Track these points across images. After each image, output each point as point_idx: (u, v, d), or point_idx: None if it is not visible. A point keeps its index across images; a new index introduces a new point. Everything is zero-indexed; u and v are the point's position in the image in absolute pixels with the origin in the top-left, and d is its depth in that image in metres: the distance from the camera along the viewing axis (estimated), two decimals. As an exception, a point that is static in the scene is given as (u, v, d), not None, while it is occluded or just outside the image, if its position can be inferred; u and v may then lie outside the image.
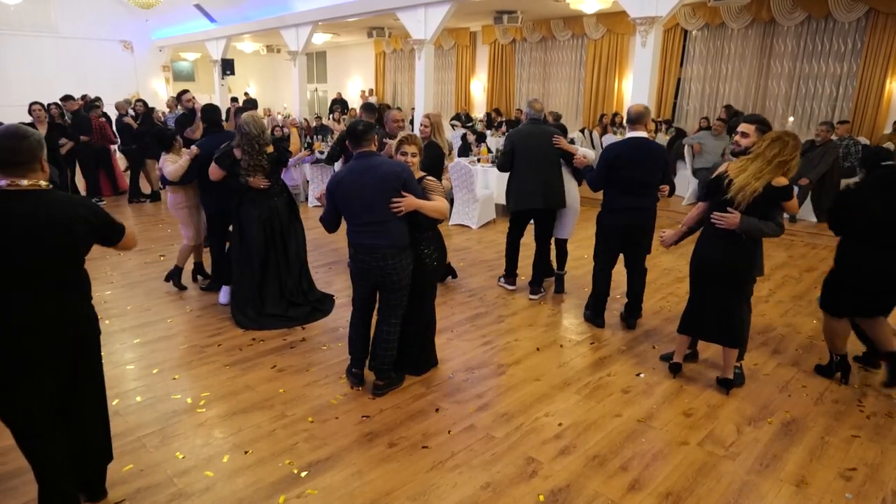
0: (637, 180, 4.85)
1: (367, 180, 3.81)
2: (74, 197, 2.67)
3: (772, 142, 3.72)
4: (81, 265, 2.69)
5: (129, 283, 6.36)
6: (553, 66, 16.17)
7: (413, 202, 3.81)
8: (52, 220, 2.47)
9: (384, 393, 4.12)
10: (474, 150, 10.20)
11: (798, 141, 3.75)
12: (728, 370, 4.15)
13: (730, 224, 3.79)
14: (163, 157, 5.80)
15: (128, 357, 4.65)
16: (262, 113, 17.74)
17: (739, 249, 3.88)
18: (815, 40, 11.59)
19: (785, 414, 3.93)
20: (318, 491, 3.14)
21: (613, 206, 4.98)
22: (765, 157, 3.72)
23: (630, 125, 4.92)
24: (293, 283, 5.42)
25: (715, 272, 3.99)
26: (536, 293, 6.02)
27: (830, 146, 8.78)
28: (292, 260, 5.40)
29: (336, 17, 13.82)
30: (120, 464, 3.27)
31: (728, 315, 4.02)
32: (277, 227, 5.27)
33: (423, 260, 4.08)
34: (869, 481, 3.28)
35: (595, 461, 3.42)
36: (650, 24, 8.45)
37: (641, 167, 4.84)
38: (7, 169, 2.42)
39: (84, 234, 2.60)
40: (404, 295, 4.05)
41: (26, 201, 2.44)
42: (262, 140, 5.02)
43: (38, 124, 8.71)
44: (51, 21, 18.51)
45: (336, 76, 23.15)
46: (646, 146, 4.88)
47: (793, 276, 6.81)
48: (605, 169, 4.91)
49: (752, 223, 3.77)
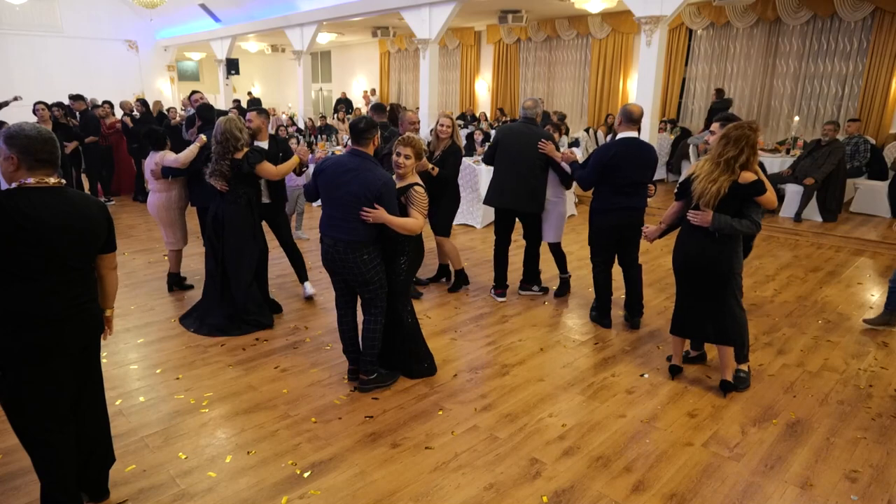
0: (631, 180, 4.90)
1: (347, 180, 3.85)
2: (88, 196, 2.73)
3: (718, 140, 3.73)
4: (94, 264, 2.75)
5: (132, 282, 6.36)
6: (558, 66, 16.14)
7: (381, 216, 3.80)
8: (81, 215, 2.56)
9: (368, 389, 4.14)
10: (478, 150, 10.19)
11: (746, 132, 3.66)
12: (727, 371, 4.12)
13: (702, 222, 3.81)
14: (158, 154, 5.66)
15: (131, 357, 4.65)
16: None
17: (716, 246, 3.88)
18: (820, 39, 11.53)
19: (790, 415, 3.91)
20: (320, 491, 3.13)
21: (607, 206, 4.99)
22: (712, 158, 3.73)
23: (628, 125, 4.92)
24: (230, 297, 5.17)
25: (694, 269, 4.00)
26: (500, 295, 5.92)
27: (836, 145, 8.72)
28: (230, 273, 5.12)
29: (340, 16, 13.83)
30: (123, 464, 3.27)
31: (716, 312, 4.01)
32: (218, 235, 5.09)
33: (393, 266, 4.09)
34: (874, 483, 3.25)
35: (599, 462, 3.41)
36: (655, 24, 8.43)
37: (635, 167, 4.88)
38: (41, 168, 2.49)
39: (102, 231, 2.69)
40: (376, 290, 4.03)
41: (56, 197, 2.51)
42: (227, 145, 4.84)
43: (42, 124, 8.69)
44: (55, 21, 18.56)
45: (340, 76, 23.15)
46: (639, 146, 4.92)
47: (798, 276, 6.78)
48: (600, 168, 4.91)
49: (725, 221, 3.76)
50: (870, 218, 9.24)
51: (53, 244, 2.46)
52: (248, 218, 5.08)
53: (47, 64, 18.29)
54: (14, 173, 2.46)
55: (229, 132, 4.82)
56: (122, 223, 9.08)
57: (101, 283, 2.83)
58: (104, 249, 2.75)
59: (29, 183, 2.45)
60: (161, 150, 5.72)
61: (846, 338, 5.10)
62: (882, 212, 9.28)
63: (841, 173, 8.88)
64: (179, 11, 18.04)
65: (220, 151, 4.86)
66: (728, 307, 4.01)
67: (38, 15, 18.13)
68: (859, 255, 7.67)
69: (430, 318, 5.41)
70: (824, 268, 7.10)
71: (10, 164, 2.46)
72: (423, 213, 3.97)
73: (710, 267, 3.93)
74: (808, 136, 11.28)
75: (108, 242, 2.76)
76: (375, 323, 4.12)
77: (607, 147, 4.98)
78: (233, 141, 4.85)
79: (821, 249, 7.93)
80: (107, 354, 4.65)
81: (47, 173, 2.50)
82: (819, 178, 8.72)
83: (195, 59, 22.89)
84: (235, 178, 4.95)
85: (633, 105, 4.96)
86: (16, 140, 2.46)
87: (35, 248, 2.42)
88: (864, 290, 6.35)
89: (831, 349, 4.89)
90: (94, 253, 2.69)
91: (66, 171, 8.58)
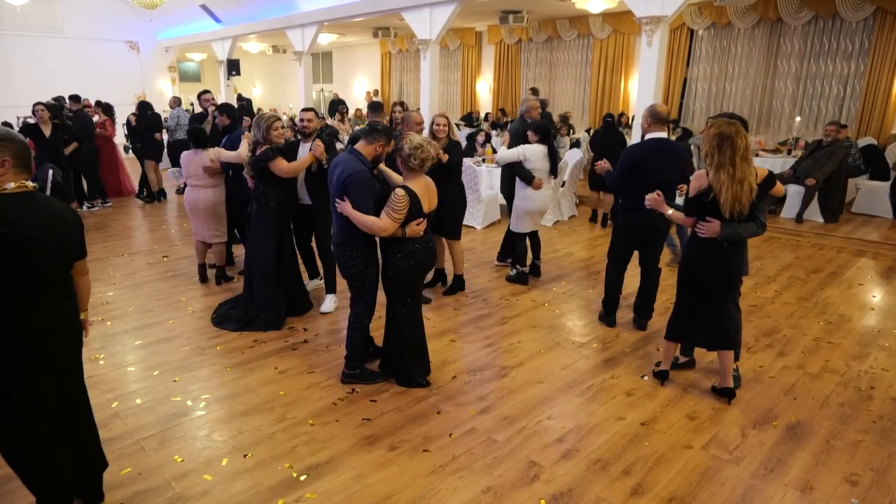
0: (658, 180, 4.78)
1: (333, 177, 4.04)
2: (59, 201, 2.69)
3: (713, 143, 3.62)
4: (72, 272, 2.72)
5: (131, 284, 6.35)
6: (559, 66, 16.10)
7: (345, 208, 3.88)
8: (63, 220, 2.54)
9: (348, 381, 4.26)
10: (479, 151, 10.17)
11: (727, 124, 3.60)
12: (727, 377, 4.08)
13: (711, 233, 3.75)
14: (208, 152, 5.95)
15: (129, 359, 4.63)
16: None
17: (728, 253, 3.83)
18: (822, 40, 11.50)
19: (790, 417, 3.88)
20: (317, 495, 3.11)
21: (634, 206, 4.90)
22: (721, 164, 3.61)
23: (657, 125, 4.86)
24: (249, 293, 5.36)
25: (707, 278, 3.92)
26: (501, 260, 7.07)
27: (837, 146, 8.69)
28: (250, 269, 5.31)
29: (341, 17, 13.80)
30: (118, 467, 3.25)
31: (719, 319, 3.97)
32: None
33: (388, 264, 4.07)
34: (875, 486, 3.23)
35: (597, 465, 3.38)
36: (656, 24, 8.39)
37: (664, 168, 4.82)
38: (23, 173, 2.47)
39: (77, 236, 2.66)
40: (357, 287, 4.14)
41: (36, 202, 2.48)
42: (251, 141, 5.07)
43: (41, 125, 8.71)
44: (57, 21, 18.56)
45: (342, 76, 23.14)
46: (668, 146, 4.88)
47: (799, 277, 6.75)
48: (627, 169, 4.88)
49: (733, 230, 3.72)
50: (871, 219, 9.21)
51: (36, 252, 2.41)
52: (265, 217, 5.16)
53: (48, 65, 18.28)
54: (3, 177, 2.41)
55: (260, 129, 4.99)
56: (120, 224, 9.08)
57: (76, 288, 2.78)
58: (78, 255, 2.72)
59: (9, 188, 2.40)
60: (204, 149, 5.97)
61: (847, 339, 5.07)
62: (884, 212, 9.26)
63: (842, 174, 8.85)
64: (180, 12, 18.04)
65: (252, 146, 5.07)
66: (728, 311, 3.98)
67: (39, 16, 18.13)
68: (861, 255, 7.64)
69: (429, 320, 5.38)
70: (825, 269, 7.07)
71: (3, 168, 2.41)
72: (394, 216, 3.81)
73: (726, 271, 3.87)
74: (809, 137, 11.23)
75: (81, 248, 2.73)
76: (356, 320, 4.21)
77: (633, 148, 4.94)
78: (253, 137, 5.04)
79: (822, 250, 7.90)
80: (104, 356, 4.64)
81: (26, 177, 2.48)
82: (820, 179, 8.70)
83: (196, 60, 22.90)
84: (258, 176, 5.06)
85: (659, 105, 4.92)
86: (11, 145, 2.44)
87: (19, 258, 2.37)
88: (865, 291, 6.32)
89: (832, 351, 4.86)
90: (73, 258, 2.65)
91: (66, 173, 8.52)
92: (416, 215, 3.90)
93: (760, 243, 8.02)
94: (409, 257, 4.00)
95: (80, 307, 2.81)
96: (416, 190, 3.88)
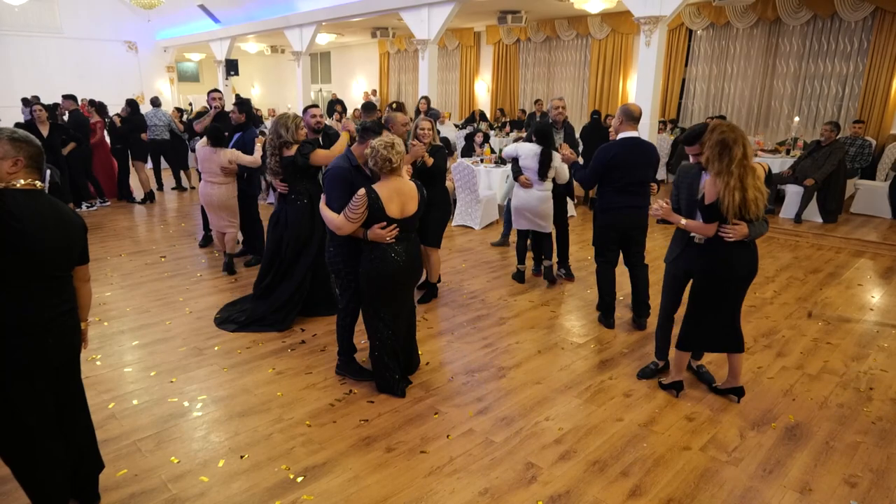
0: (633, 179, 4.91)
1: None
2: (64, 204, 2.70)
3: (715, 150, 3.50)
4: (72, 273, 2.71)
5: (129, 284, 6.33)
6: (557, 66, 16.09)
7: (321, 203, 4.03)
8: (68, 222, 2.57)
9: (339, 373, 4.39)
10: (477, 151, 10.16)
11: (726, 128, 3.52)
12: (738, 378, 4.05)
13: (740, 236, 3.60)
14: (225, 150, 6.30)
15: (126, 359, 4.62)
16: (266, 113, 17.70)
17: (751, 253, 3.77)
18: (820, 40, 11.49)
19: (789, 418, 3.87)
20: (313, 496, 3.10)
21: (611, 206, 5.00)
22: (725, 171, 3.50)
23: (629, 123, 4.91)
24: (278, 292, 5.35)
25: (738, 283, 3.80)
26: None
27: (836, 146, 8.69)
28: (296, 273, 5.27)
29: (340, 17, 13.80)
30: (114, 468, 3.24)
31: (733, 322, 3.94)
32: (284, 237, 5.24)
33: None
34: (874, 488, 3.22)
35: (595, 466, 3.37)
36: (654, 24, 8.39)
37: (637, 166, 4.89)
38: (34, 173, 2.50)
39: (81, 239, 2.68)
40: (340, 284, 4.23)
41: (43, 201, 2.50)
42: (276, 142, 5.04)
43: (39, 125, 8.68)
44: (55, 21, 18.53)
45: (340, 76, 23.13)
46: (641, 145, 4.94)
47: (798, 277, 6.74)
48: (601, 168, 4.93)
49: (756, 227, 3.65)
50: (870, 219, 9.20)
51: (39, 248, 2.42)
52: (307, 217, 5.19)
53: (47, 65, 18.27)
54: (14, 175, 2.44)
55: (274, 130, 5.03)
56: (117, 225, 9.05)
57: (76, 295, 2.76)
58: (80, 260, 2.71)
59: (18, 185, 2.42)
60: (220, 147, 6.30)
61: (846, 340, 5.06)
62: (882, 212, 9.25)
63: (841, 174, 8.84)
64: (179, 12, 18.04)
65: (270, 149, 5.08)
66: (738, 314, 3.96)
67: (38, 16, 18.11)
68: (860, 256, 7.63)
69: (426, 320, 5.38)
70: (824, 269, 7.07)
71: (15, 166, 2.44)
72: (349, 215, 3.73)
73: (751, 274, 3.79)
74: (808, 137, 11.23)
75: (83, 252, 2.72)
76: (340, 315, 4.31)
77: (607, 147, 4.95)
78: (276, 138, 5.03)
79: (821, 251, 7.89)
80: (101, 357, 4.62)
81: (35, 177, 2.51)
82: (819, 179, 8.69)
83: (195, 60, 22.87)
84: (293, 175, 5.08)
85: (632, 104, 4.96)
86: (27, 147, 2.48)
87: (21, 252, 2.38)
88: (864, 291, 6.31)
89: (831, 351, 4.85)
90: (74, 260, 2.65)
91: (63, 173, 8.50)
92: (378, 218, 3.76)
93: (759, 243, 7.97)
94: (371, 263, 3.87)
95: (81, 316, 2.78)
96: (381, 192, 3.73)
